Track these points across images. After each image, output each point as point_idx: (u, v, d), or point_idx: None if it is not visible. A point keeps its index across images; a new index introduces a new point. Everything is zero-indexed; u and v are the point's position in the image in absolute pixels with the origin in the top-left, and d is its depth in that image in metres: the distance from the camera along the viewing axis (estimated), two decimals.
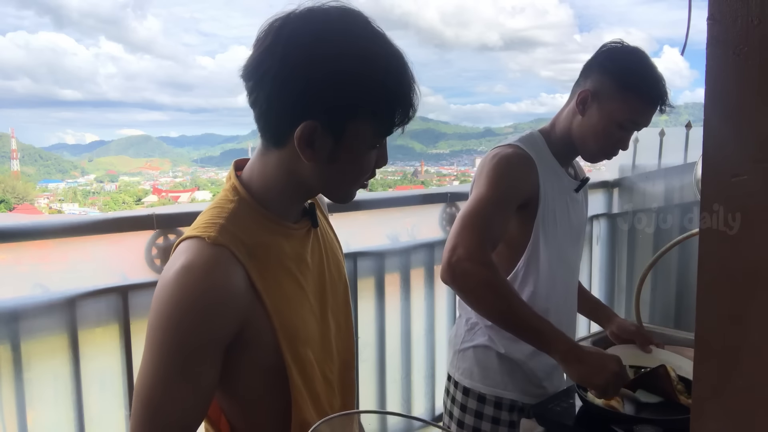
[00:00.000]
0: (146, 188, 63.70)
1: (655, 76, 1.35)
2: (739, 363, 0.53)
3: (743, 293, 0.52)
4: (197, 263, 0.78)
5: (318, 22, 0.79)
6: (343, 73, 0.77)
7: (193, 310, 0.78)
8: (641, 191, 2.55)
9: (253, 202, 0.87)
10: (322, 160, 0.82)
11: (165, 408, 0.79)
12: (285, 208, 0.89)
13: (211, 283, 0.78)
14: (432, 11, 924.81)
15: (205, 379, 0.81)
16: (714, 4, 0.52)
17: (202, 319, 0.78)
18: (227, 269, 0.80)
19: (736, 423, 0.54)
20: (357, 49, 0.78)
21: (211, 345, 0.80)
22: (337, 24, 0.79)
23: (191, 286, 0.77)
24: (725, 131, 0.53)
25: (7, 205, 46.84)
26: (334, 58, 0.77)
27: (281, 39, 0.78)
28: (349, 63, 0.77)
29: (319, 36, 0.78)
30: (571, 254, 1.54)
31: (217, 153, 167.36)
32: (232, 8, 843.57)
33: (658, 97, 1.35)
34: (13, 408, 1.30)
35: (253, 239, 0.84)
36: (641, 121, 1.37)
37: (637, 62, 1.37)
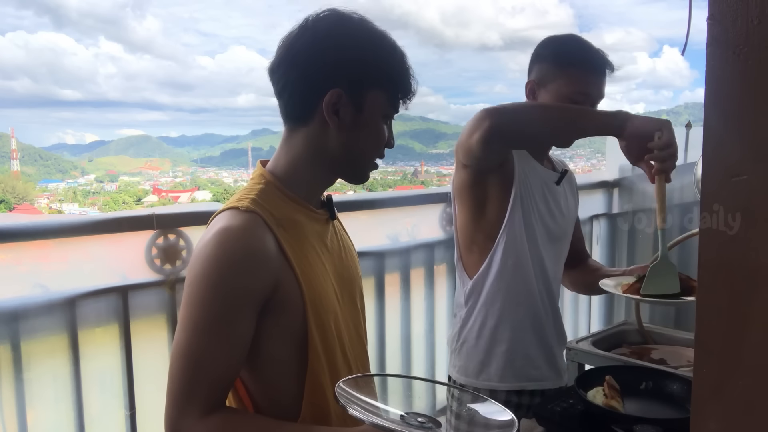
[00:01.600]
0: (146, 188, 63.74)
1: (585, 46, 1.43)
2: (739, 363, 0.53)
3: (743, 293, 0.52)
4: (234, 225, 0.89)
5: (337, 16, 0.96)
6: (362, 51, 0.95)
7: (231, 265, 0.86)
8: (641, 191, 2.55)
9: (278, 183, 0.98)
10: (345, 128, 0.95)
11: (203, 359, 0.85)
12: (308, 189, 1.00)
13: (247, 241, 0.88)
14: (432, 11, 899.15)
15: (241, 331, 0.88)
16: (714, 4, 0.52)
17: (239, 273, 0.86)
18: (260, 232, 0.90)
19: (736, 423, 0.54)
20: (372, 34, 0.96)
21: (246, 299, 0.88)
22: (353, 17, 0.96)
23: (230, 244, 0.87)
24: (725, 131, 0.53)
25: (7, 205, 46.86)
26: (354, 40, 0.95)
27: (308, 28, 0.94)
28: (366, 44, 0.95)
29: (341, 24, 0.95)
30: (550, 246, 1.52)
31: (217, 153, 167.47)
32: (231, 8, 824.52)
33: (595, 63, 1.41)
34: (13, 408, 1.30)
35: (281, 213, 0.94)
36: (590, 91, 1.40)
37: (566, 40, 1.45)
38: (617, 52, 37.32)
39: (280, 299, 0.91)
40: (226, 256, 0.86)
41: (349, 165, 1.01)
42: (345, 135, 0.96)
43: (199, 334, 0.86)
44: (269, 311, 0.91)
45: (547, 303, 1.54)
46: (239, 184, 69.46)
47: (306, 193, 1.00)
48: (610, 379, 1.29)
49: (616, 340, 1.93)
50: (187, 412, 0.85)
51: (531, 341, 1.51)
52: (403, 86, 0.99)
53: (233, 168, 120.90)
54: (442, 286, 2.13)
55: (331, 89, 0.93)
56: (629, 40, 46.36)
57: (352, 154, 0.99)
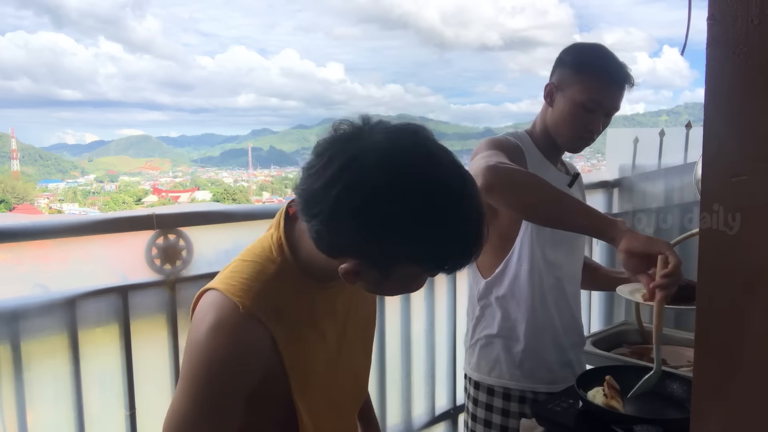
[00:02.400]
0: (146, 188, 63.72)
1: (607, 56, 1.43)
2: (740, 363, 0.53)
3: (743, 293, 0.52)
4: (227, 327, 0.84)
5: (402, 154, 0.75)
6: (410, 227, 0.74)
7: (221, 368, 0.85)
8: (641, 191, 2.55)
9: (296, 267, 0.89)
10: (368, 287, 0.86)
11: None
12: (328, 277, 0.89)
13: (239, 346, 0.85)
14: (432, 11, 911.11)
15: (226, 423, 0.88)
16: (714, 4, 0.52)
17: (229, 375, 0.86)
18: (255, 336, 0.86)
19: (736, 423, 0.54)
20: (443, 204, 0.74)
21: (235, 397, 0.88)
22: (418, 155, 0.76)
23: (221, 348, 0.84)
24: (725, 131, 0.53)
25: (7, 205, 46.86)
26: (413, 212, 0.74)
27: (365, 171, 0.74)
28: (428, 219, 0.74)
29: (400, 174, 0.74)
30: (564, 249, 1.53)
31: (217, 153, 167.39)
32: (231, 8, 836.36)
33: (614, 74, 1.41)
34: (13, 408, 1.30)
35: (286, 302, 0.89)
36: (604, 101, 1.41)
37: (590, 48, 1.47)
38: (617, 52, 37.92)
39: (266, 391, 0.90)
40: (218, 361, 0.85)
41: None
42: (369, 287, 0.87)
43: (186, 422, 0.88)
44: (255, 401, 0.90)
45: (563, 306, 1.53)
46: (239, 184, 69.38)
47: (327, 278, 0.90)
48: (610, 379, 1.29)
49: (616, 340, 1.93)
50: None
51: (545, 344, 1.50)
52: (451, 264, 0.81)
53: (233, 168, 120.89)
54: (442, 286, 2.13)
55: (352, 259, 0.80)
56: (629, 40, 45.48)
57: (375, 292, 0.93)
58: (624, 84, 1.42)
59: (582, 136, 1.45)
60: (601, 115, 1.42)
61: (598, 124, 1.44)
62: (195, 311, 0.89)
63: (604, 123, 1.46)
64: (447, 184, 0.75)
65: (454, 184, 0.75)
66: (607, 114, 1.44)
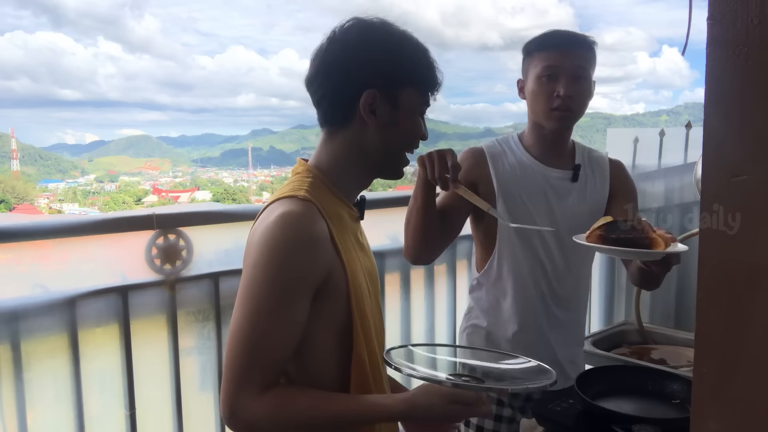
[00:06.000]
0: (146, 188, 63.72)
1: (553, 30, 1.50)
2: (740, 363, 0.53)
3: (743, 293, 0.52)
4: (296, 211, 0.93)
5: (361, 24, 1.01)
6: (390, 52, 0.99)
7: (295, 248, 0.91)
8: (641, 191, 2.53)
9: (324, 179, 1.02)
10: (383, 126, 1.00)
11: (263, 340, 0.90)
12: (348, 187, 1.05)
13: (308, 226, 0.93)
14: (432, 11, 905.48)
15: (298, 315, 0.92)
16: (714, 4, 0.52)
17: (301, 256, 0.91)
18: (316, 219, 0.94)
19: (736, 423, 0.54)
20: (396, 36, 1.01)
21: (305, 282, 0.92)
22: (375, 22, 1.01)
23: (294, 228, 0.91)
24: (725, 131, 0.53)
25: (7, 205, 46.87)
26: (381, 43, 1.00)
27: (336, 40, 1.00)
28: (393, 45, 1.00)
29: (366, 30, 1.00)
30: (553, 248, 1.52)
31: (216, 153, 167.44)
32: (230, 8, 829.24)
33: (559, 38, 1.47)
34: (13, 408, 1.30)
35: (328, 206, 0.99)
36: (559, 63, 1.44)
37: (538, 35, 1.52)
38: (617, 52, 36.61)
39: (330, 286, 0.96)
40: (290, 240, 0.90)
41: (388, 161, 1.05)
42: (383, 132, 1.01)
43: (259, 316, 0.90)
44: (319, 298, 0.95)
45: (551, 305, 1.52)
46: (239, 184, 69.38)
47: (347, 191, 1.05)
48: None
49: (616, 340, 1.93)
50: (244, 389, 0.89)
51: (530, 343, 1.50)
52: (431, 80, 1.04)
53: (233, 168, 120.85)
54: (442, 286, 2.13)
55: (366, 91, 0.98)
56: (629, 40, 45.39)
57: (390, 149, 1.03)
58: (575, 44, 1.46)
59: (555, 107, 1.45)
60: (564, 78, 1.43)
61: (562, 86, 1.43)
62: (258, 220, 0.97)
63: (575, 88, 1.44)
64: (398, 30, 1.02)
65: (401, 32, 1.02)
66: (573, 76, 1.44)
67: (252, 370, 0.89)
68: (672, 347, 1.84)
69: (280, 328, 0.90)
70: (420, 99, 1.04)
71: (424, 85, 1.04)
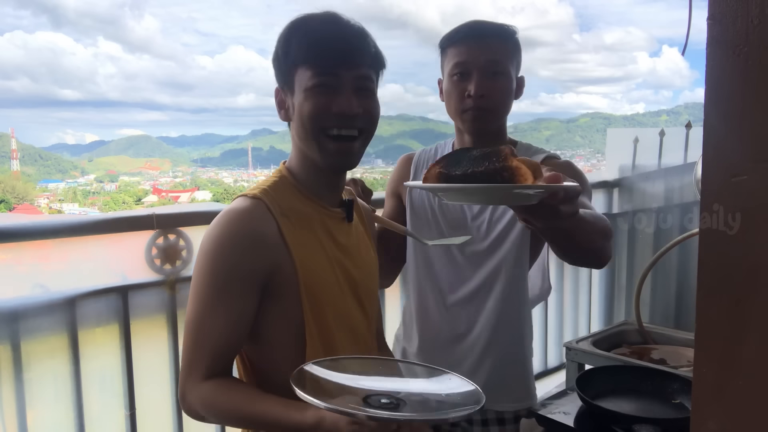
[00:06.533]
0: (146, 188, 63.71)
1: (463, 23, 1.36)
2: (739, 363, 0.53)
3: (743, 293, 0.52)
4: (235, 209, 0.97)
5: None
6: (283, 41, 1.00)
7: (230, 243, 0.94)
8: (641, 191, 2.55)
9: (291, 178, 1.06)
10: (291, 117, 1.02)
11: (204, 328, 0.95)
12: (314, 185, 1.05)
13: (245, 224, 0.96)
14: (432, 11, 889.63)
15: (239, 307, 0.95)
16: (714, 4, 0.52)
17: (236, 251, 0.94)
18: (260, 217, 0.97)
19: (736, 423, 0.54)
20: (294, 21, 1.00)
21: (244, 276, 0.95)
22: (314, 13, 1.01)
23: (228, 225, 0.96)
24: (725, 131, 0.53)
25: (7, 205, 46.85)
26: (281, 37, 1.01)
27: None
28: (286, 33, 1.00)
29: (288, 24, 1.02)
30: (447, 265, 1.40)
31: (216, 153, 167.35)
32: (230, 8, 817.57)
33: (468, 30, 1.33)
34: (13, 408, 1.30)
35: (288, 204, 1.01)
36: (469, 58, 1.31)
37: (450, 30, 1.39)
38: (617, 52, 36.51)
39: (278, 284, 0.98)
40: (226, 235, 0.95)
41: (310, 150, 1.02)
42: (294, 124, 1.02)
43: (201, 306, 0.95)
44: (269, 295, 0.98)
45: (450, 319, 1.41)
46: (239, 184, 69.40)
47: (317, 189, 1.06)
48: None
49: (616, 340, 1.93)
50: (191, 376, 0.96)
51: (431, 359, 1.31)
52: (320, 53, 0.97)
53: (233, 168, 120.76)
54: None
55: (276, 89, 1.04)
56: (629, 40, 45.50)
57: (303, 138, 1.01)
58: (487, 35, 1.32)
59: (466, 107, 1.32)
60: (476, 75, 1.30)
61: (473, 84, 1.30)
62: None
63: (488, 85, 1.30)
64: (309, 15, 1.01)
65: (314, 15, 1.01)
66: (486, 72, 1.30)
67: (196, 358, 0.95)
68: (672, 347, 1.84)
69: (219, 319, 0.94)
70: (312, 73, 0.97)
71: (313, 60, 0.97)
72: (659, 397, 1.32)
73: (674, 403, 1.29)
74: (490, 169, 0.81)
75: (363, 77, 1.01)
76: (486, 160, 0.83)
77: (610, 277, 2.66)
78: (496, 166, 0.81)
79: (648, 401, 1.31)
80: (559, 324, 2.46)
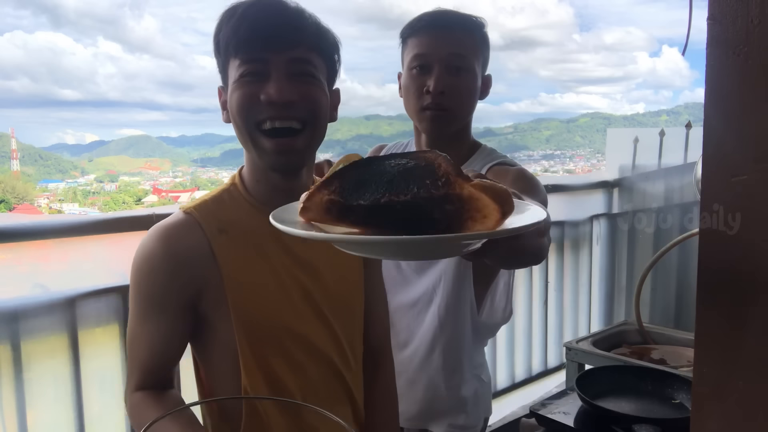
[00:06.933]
0: (146, 188, 63.70)
1: (425, 12, 1.24)
2: (739, 363, 0.53)
3: (743, 293, 0.52)
4: (164, 226, 0.91)
5: None
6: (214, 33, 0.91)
7: (151, 264, 0.90)
8: (641, 191, 2.55)
9: (241, 187, 0.96)
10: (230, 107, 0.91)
11: (133, 344, 0.93)
12: (262, 192, 0.95)
13: (170, 243, 0.89)
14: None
15: (164, 326, 0.91)
16: (714, 4, 0.52)
17: (157, 272, 0.89)
18: (187, 234, 0.90)
19: (736, 423, 0.54)
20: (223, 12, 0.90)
21: (164, 299, 0.90)
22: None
23: (153, 243, 0.90)
24: (725, 131, 0.53)
25: (7, 205, 46.87)
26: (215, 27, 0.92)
27: None
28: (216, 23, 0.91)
29: None
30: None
31: (217, 153, 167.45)
32: None
33: (429, 20, 1.21)
34: (13, 408, 1.29)
35: (230, 217, 0.93)
36: (429, 50, 1.19)
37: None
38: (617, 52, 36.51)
39: (208, 305, 0.91)
40: (150, 254, 0.90)
41: (248, 148, 0.92)
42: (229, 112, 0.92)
43: (132, 320, 0.93)
44: (201, 316, 0.93)
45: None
46: None
47: (268, 197, 0.93)
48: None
49: (616, 340, 1.93)
50: (129, 384, 0.94)
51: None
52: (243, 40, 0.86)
53: (233, 168, 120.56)
54: None
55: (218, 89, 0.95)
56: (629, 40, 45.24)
57: (238, 132, 0.91)
58: (450, 26, 1.19)
59: (424, 105, 1.19)
60: (437, 70, 1.17)
61: (433, 79, 1.17)
62: None
63: (450, 81, 1.18)
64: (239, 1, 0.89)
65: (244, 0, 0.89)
66: (447, 67, 1.18)
67: (130, 369, 0.94)
68: (672, 347, 1.84)
69: (147, 337, 0.92)
70: (241, 62, 0.87)
71: (241, 47, 0.87)
72: (659, 397, 1.32)
73: (674, 403, 1.29)
74: (423, 199, 0.49)
75: (298, 60, 0.87)
76: (413, 181, 0.50)
77: (610, 277, 2.66)
78: (433, 194, 0.49)
79: (648, 401, 1.31)
80: (559, 324, 2.46)
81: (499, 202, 0.50)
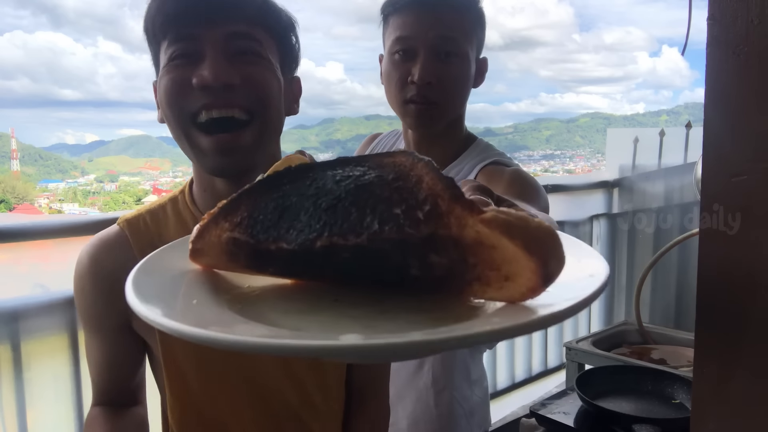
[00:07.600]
0: (146, 188, 63.70)
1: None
2: (739, 363, 0.53)
3: (743, 293, 0.52)
4: (94, 241, 0.85)
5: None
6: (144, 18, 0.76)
7: (79, 281, 0.84)
8: (641, 191, 2.55)
9: (189, 197, 0.83)
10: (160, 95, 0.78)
11: (88, 364, 0.89)
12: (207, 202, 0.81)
13: (94, 260, 0.82)
14: None
15: (106, 345, 0.85)
16: (714, 4, 0.52)
17: (87, 291, 0.83)
18: (115, 251, 0.82)
19: (736, 423, 0.54)
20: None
21: (96, 316, 0.84)
22: None
23: (81, 260, 0.84)
24: (725, 131, 0.53)
25: (7, 205, 46.84)
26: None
27: None
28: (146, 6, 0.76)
29: None
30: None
31: None
32: None
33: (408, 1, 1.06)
34: (13, 408, 1.29)
35: (166, 233, 0.80)
36: (405, 33, 1.04)
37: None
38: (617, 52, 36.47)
39: (140, 327, 0.82)
40: (77, 273, 0.85)
41: (184, 148, 0.78)
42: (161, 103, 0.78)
43: (87, 347, 0.90)
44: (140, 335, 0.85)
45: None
46: None
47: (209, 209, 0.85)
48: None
49: (616, 340, 1.93)
50: (93, 397, 0.91)
51: None
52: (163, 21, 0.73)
53: None
54: None
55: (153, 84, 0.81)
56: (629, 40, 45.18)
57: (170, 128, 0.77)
58: (438, 3, 1.03)
59: (408, 97, 1.05)
60: (423, 55, 1.02)
61: (418, 66, 1.02)
62: None
63: (439, 69, 1.03)
64: None
65: None
66: (435, 53, 1.03)
67: (91, 382, 0.90)
68: (672, 347, 1.84)
69: (90, 354, 0.88)
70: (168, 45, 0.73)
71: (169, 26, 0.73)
72: (659, 397, 1.32)
73: (674, 403, 1.29)
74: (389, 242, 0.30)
75: (238, 35, 0.72)
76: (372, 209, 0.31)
77: (610, 277, 2.66)
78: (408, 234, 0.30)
79: (648, 401, 1.31)
80: (559, 324, 2.46)
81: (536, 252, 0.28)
